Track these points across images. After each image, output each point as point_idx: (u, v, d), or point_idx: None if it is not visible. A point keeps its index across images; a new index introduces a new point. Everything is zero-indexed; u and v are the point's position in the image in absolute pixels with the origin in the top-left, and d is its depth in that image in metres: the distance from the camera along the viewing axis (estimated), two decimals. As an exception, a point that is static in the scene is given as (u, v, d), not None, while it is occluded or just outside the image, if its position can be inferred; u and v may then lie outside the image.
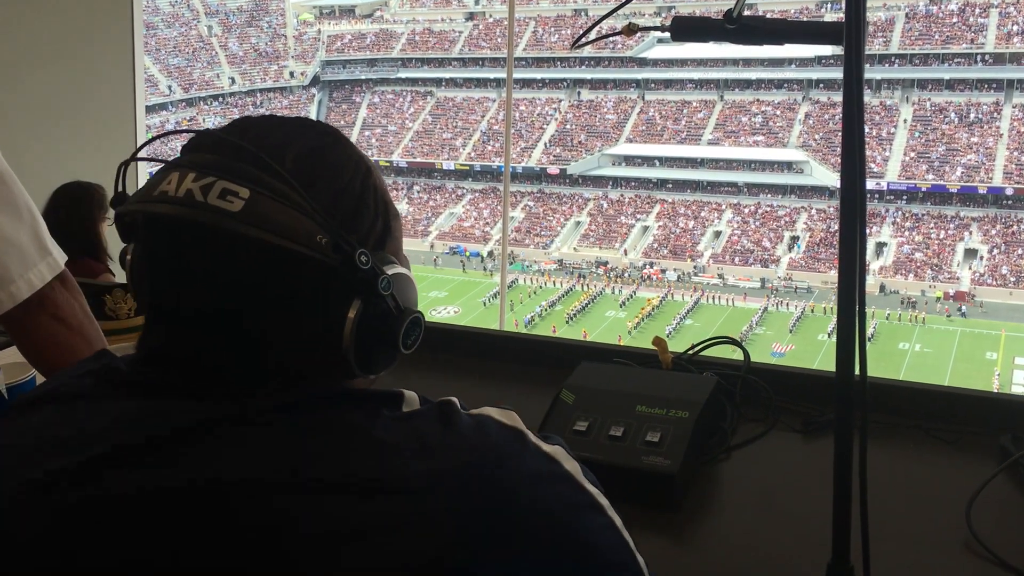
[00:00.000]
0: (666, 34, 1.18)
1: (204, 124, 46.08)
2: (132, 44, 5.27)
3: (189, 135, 0.85)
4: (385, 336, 0.84)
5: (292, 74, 51.29)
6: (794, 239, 36.23)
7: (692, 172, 40.28)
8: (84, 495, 0.73)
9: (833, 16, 38.97)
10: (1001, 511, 1.35)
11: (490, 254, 37.70)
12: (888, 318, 29.78)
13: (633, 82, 44.71)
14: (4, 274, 1.45)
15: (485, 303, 31.97)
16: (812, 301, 31.48)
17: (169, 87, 47.74)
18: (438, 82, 49.05)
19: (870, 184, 35.58)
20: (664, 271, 35.44)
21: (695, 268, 35.52)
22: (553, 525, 0.77)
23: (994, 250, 33.65)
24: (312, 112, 49.24)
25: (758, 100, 42.05)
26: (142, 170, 5.38)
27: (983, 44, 38.96)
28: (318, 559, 0.68)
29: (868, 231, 33.51)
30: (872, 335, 27.91)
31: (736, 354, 1.80)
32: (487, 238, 39.50)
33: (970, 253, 33.83)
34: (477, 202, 42.51)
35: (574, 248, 38.26)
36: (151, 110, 43.75)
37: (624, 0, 1.23)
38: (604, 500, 0.84)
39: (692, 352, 1.81)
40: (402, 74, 49.69)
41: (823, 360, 24.63)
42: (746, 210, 38.32)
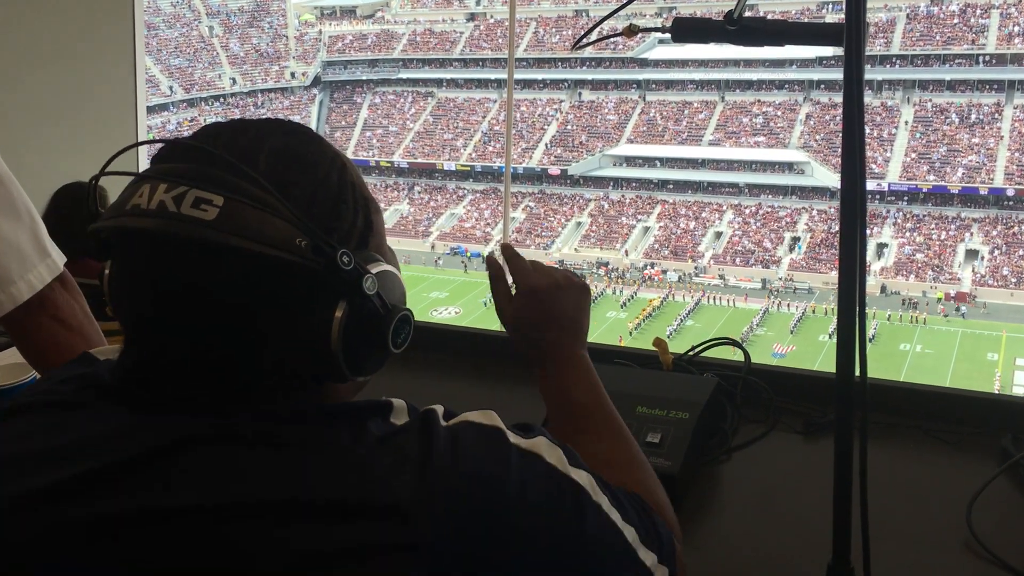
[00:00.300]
0: (667, 35, 1.18)
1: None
2: (133, 44, 5.26)
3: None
4: (374, 337, 0.82)
5: (293, 75, 51.30)
6: (795, 240, 36.22)
7: (693, 173, 40.26)
8: (77, 512, 0.72)
9: (834, 17, 38.98)
10: (1002, 512, 1.35)
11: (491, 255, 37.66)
12: (889, 319, 29.77)
13: (634, 83, 44.70)
14: (4, 275, 1.45)
15: (486, 304, 31.97)
16: (813, 302, 31.46)
17: (170, 88, 47.76)
18: (439, 83, 49.05)
19: (871, 185, 35.59)
20: (665, 272, 35.43)
21: (696, 269, 35.51)
22: (540, 529, 0.78)
23: (995, 251, 33.63)
24: (313, 113, 49.26)
25: (759, 101, 42.03)
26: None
27: (984, 45, 38.94)
28: None
29: (869, 232, 33.30)
30: (873, 336, 27.89)
31: (737, 355, 1.80)
32: (488, 239, 39.49)
33: (971, 254, 33.82)
34: (478, 203, 42.50)
35: (575, 249, 38.25)
36: (152, 111, 43.80)
37: (625, 2, 1.23)
38: (589, 480, 0.84)
39: (693, 353, 1.81)
40: (403, 75, 49.68)
41: (824, 361, 24.61)
42: (747, 211, 38.31)
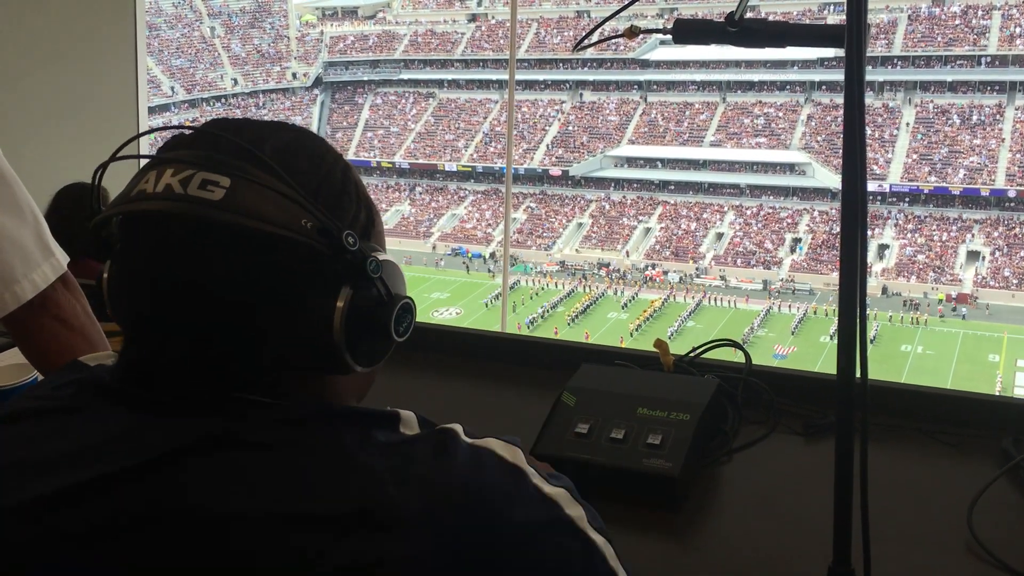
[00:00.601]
0: (668, 36, 1.18)
1: (207, 125, 46.06)
2: (135, 45, 5.27)
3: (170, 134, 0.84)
4: (376, 324, 0.82)
5: (295, 75, 51.31)
6: (796, 241, 36.21)
7: (694, 174, 40.26)
8: (81, 520, 0.71)
9: (836, 18, 38.96)
10: (1002, 514, 1.35)
11: (492, 255, 37.69)
12: (891, 320, 29.76)
13: (635, 84, 44.70)
14: (8, 275, 1.45)
15: (487, 304, 31.97)
16: (814, 303, 31.46)
17: (172, 88, 47.79)
18: (440, 83, 49.05)
19: (873, 186, 35.57)
20: (666, 273, 35.41)
21: (697, 270, 35.50)
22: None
23: (996, 252, 33.62)
24: (314, 113, 49.28)
25: (760, 102, 42.02)
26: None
27: (986, 46, 38.92)
28: None
29: (871, 233, 33.26)
30: (874, 337, 27.89)
31: (738, 356, 1.80)
32: (489, 239, 39.49)
33: (973, 255, 33.80)
34: (479, 203, 42.50)
35: (576, 250, 38.25)
36: (154, 111, 43.78)
37: (626, 3, 1.23)
38: (607, 547, 0.80)
39: (693, 354, 1.81)
40: (404, 75, 49.69)
41: (825, 362, 24.60)
42: (748, 212, 38.30)
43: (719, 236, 37.43)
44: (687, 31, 1.17)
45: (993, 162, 36.36)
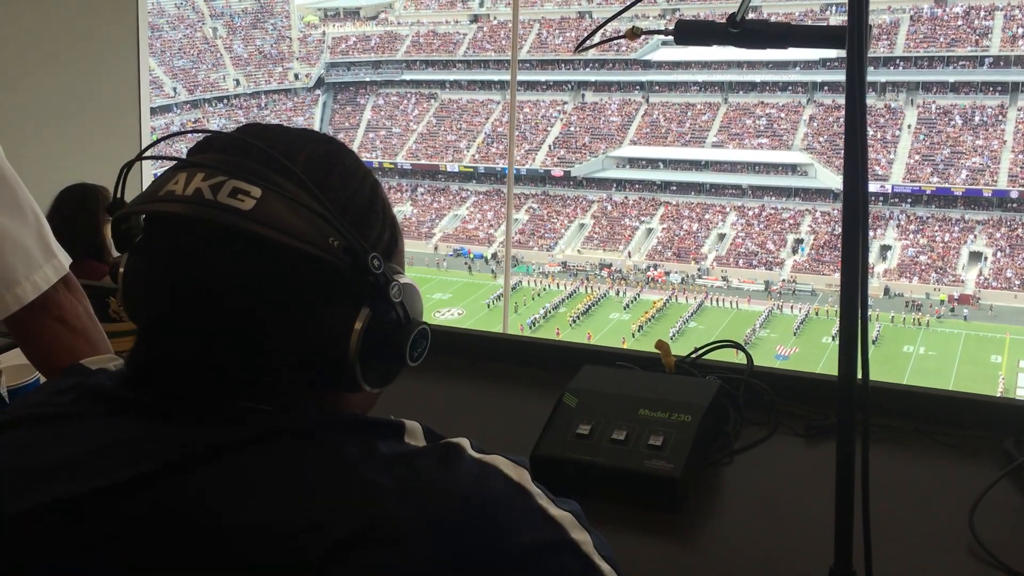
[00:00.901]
0: (670, 37, 1.18)
1: (209, 126, 46.18)
2: (137, 46, 5.28)
3: (196, 137, 0.84)
4: (391, 347, 0.81)
5: (297, 76, 51.36)
6: (798, 242, 36.19)
7: (696, 174, 40.27)
8: (83, 528, 0.71)
9: (838, 19, 38.93)
10: (1004, 516, 1.35)
11: (494, 256, 37.70)
12: (893, 321, 29.74)
13: (637, 84, 44.71)
14: (10, 276, 1.45)
15: (489, 305, 31.98)
16: (816, 304, 31.44)
17: (174, 89, 47.84)
18: (442, 84, 49.10)
19: (875, 187, 35.55)
20: (668, 273, 35.42)
21: (699, 271, 35.50)
22: None
23: (998, 253, 33.59)
24: (316, 114, 49.31)
25: (762, 102, 42.02)
26: (144, 178, 5.39)
27: (988, 47, 38.91)
28: None
29: (873, 234, 33.27)
30: (876, 338, 27.88)
31: (739, 358, 1.79)
32: (491, 240, 39.51)
33: (975, 256, 33.77)
34: (481, 204, 42.52)
35: (578, 250, 38.25)
36: (156, 112, 43.82)
37: (628, 4, 1.23)
38: (612, 572, 0.78)
39: (695, 356, 1.81)
40: (406, 76, 49.73)
41: (827, 363, 24.58)
42: (750, 212, 38.29)
43: (721, 237, 37.42)
44: (689, 32, 1.17)
45: (995, 163, 36.34)
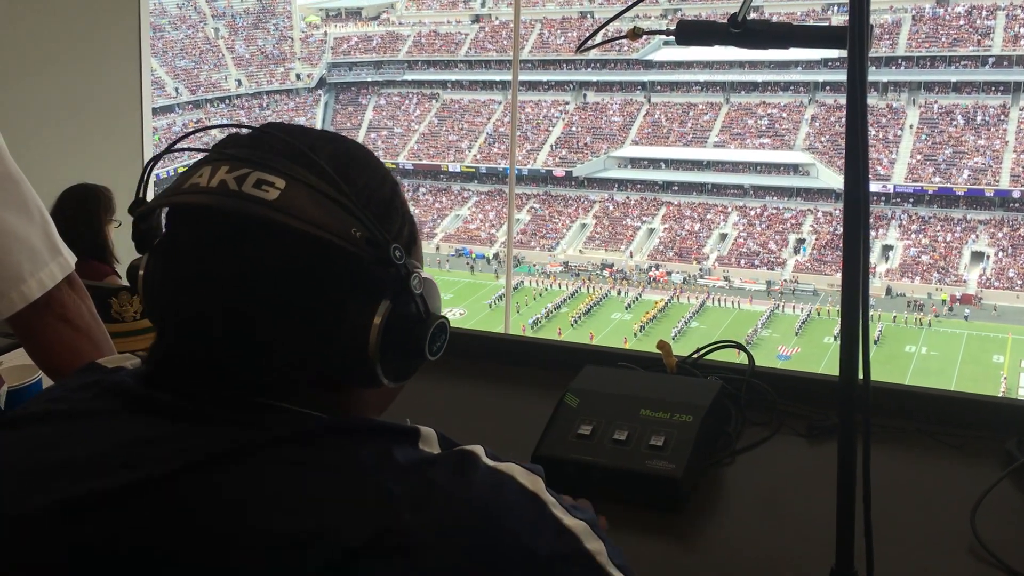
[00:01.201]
0: (672, 37, 1.18)
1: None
2: (139, 46, 5.28)
3: (221, 134, 0.84)
4: (412, 339, 0.82)
5: (298, 76, 51.37)
6: (800, 242, 36.17)
7: (698, 174, 40.25)
8: (98, 529, 0.71)
9: (840, 18, 38.89)
10: (1006, 516, 1.35)
11: (495, 256, 37.70)
12: (895, 320, 29.72)
13: (639, 84, 44.69)
14: (16, 274, 1.45)
15: (491, 305, 31.98)
16: (818, 304, 31.42)
17: (176, 89, 47.85)
18: (444, 84, 49.09)
19: (877, 187, 35.52)
20: (670, 273, 35.40)
21: (701, 270, 35.48)
22: None
23: (1000, 253, 33.56)
24: (318, 114, 49.32)
25: (764, 102, 42.00)
26: (149, 181, 5.39)
27: (990, 47, 38.86)
28: None
29: (875, 234, 33.25)
30: (878, 338, 27.85)
31: (741, 358, 1.79)
32: (493, 240, 39.50)
33: (977, 256, 33.74)
34: (483, 204, 42.52)
35: (579, 250, 38.24)
36: (158, 112, 43.83)
37: (630, 4, 1.23)
38: None
39: (697, 356, 1.81)
40: (408, 76, 49.73)
41: (828, 363, 24.56)
42: (752, 212, 38.27)
43: (723, 237, 37.40)
44: (690, 32, 1.17)
45: (997, 163, 36.30)
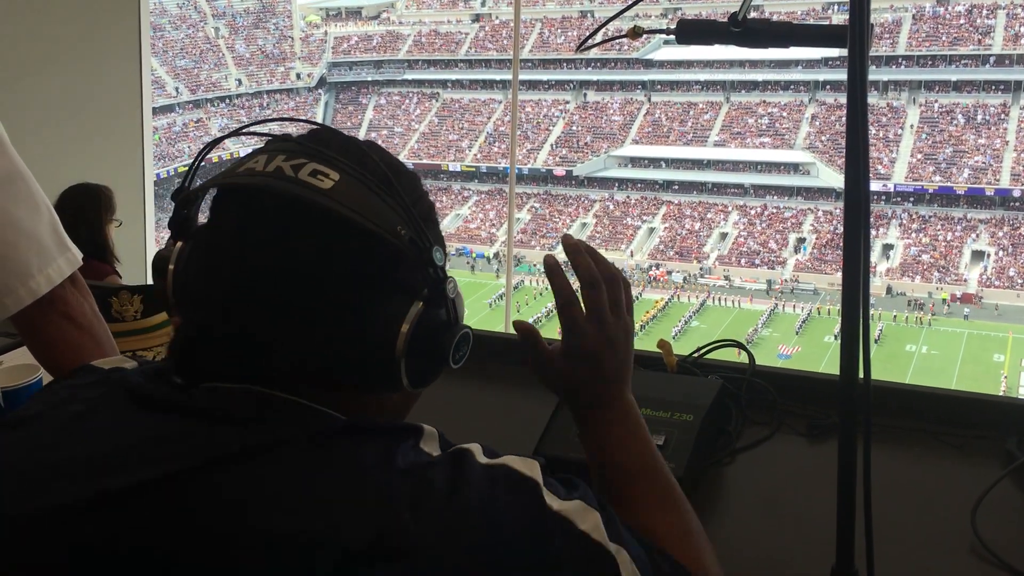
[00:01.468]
0: (672, 36, 1.18)
1: (211, 126, 46.21)
2: (139, 45, 5.28)
3: (270, 132, 0.86)
4: (438, 344, 0.83)
5: (299, 76, 51.37)
6: (800, 241, 36.17)
7: (698, 174, 40.24)
8: (102, 528, 0.71)
9: (840, 17, 38.88)
10: (1007, 515, 1.35)
11: (496, 255, 37.69)
12: (895, 320, 29.72)
13: (639, 84, 44.69)
14: (24, 269, 1.45)
15: (491, 304, 31.98)
16: (818, 303, 31.42)
17: (176, 88, 47.85)
18: (444, 84, 49.08)
19: (877, 186, 35.51)
20: (670, 273, 35.40)
21: (701, 270, 35.48)
22: None
23: (1001, 252, 33.55)
24: (319, 114, 49.31)
25: (764, 102, 41.99)
26: (147, 180, 5.39)
27: (990, 46, 38.84)
28: None
29: (875, 233, 33.27)
30: (879, 337, 27.85)
31: (742, 357, 1.79)
32: (493, 239, 39.51)
33: (977, 255, 33.74)
34: (483, 203, 42.52)
35: (580, 250, 38.20)
36: (158, 111, 43.86)
37: (630, 3, 1.23)
38: (623, 555, 0.79)
39: (697, 355, 1.81)
40: (408, 76, 49.73)
41: (829, 362, 24.57)
42: (752, 212, 38.27)
43: (723, 236, 37.40)
44: (691, 31, 1.17)
45: (998, 162, 36.29)
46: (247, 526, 0.69)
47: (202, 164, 0.90)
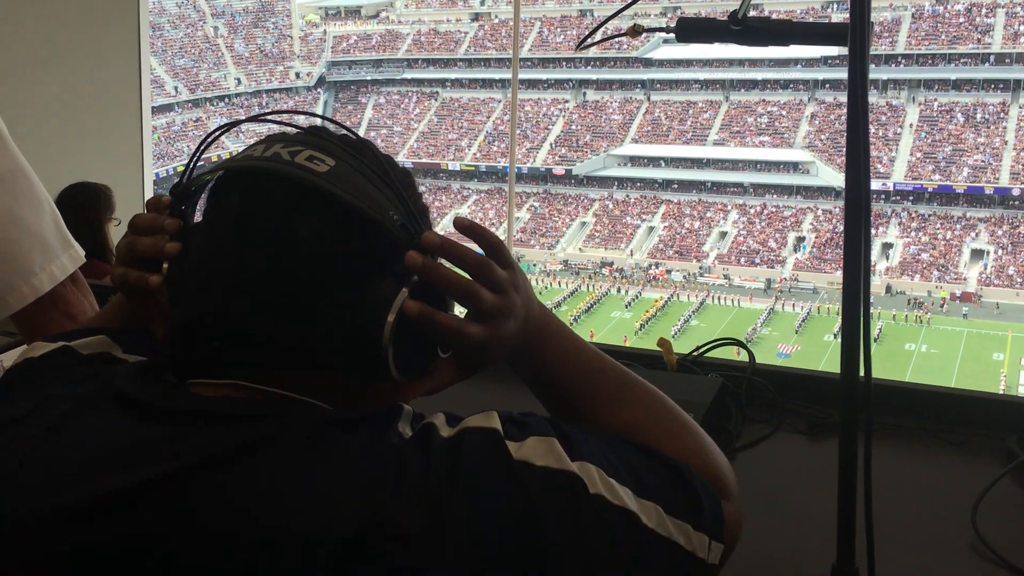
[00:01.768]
0: (671, 35, 1.18)
1: (211, 125, 46.17)
2: (138, 45, 5.28)
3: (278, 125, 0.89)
4: (425, 333, 0.83)
5: (298, 75, 51.35)
6: (800, 240, 36.18)
7: (698, 173, 40.24)
8: (102, 528, 0.71)
9: (839, 16, 38.89)
10: (1007, 513, 1.35)
11: (495, 255, 37.63)
12: (895, 318, 29.73)
13: (639, 82, 44.68)
14: (27, 267, 1.45)
15: (490, 304, 31.97)
16: (818, 302, 31.42)
17: (175, 88, 47.83)
18: (443, 83, 49.07)
19: (876, 184, 35.50)
20: (670, 272, 35.40)
21: (701, 269, 35.48)
22: (544, 538, 0.75)
23: (1000, 251, 33.56)
24: (318, 113, 49.25)
25: (764, 100, 41.99)
26: (146, 179, 5.39)
27: (990, 44, 38.85)
28: None
29: (875, 232, 33.51)
30: (878, 336, 27.85)
31: (741, 355, 1.79)
32: (493, 239, 39.47)
33: (977, 254, 33.74)
34: (483, 203, 42.51)
35: (579, 249, 38.23)
36: (157, 111, 43.83)
37: (629, 2, 1.23)
38: (589, 471, 0.78)
39: (697, 353, 1.81)
40: (407, 75, 49.72)
41: (828, 361, 24.58)
42: (752, 211, 38.27)
43: (723, 235, 37.40)
44: (690, 30, 1.16)
45: (997, 160, 36.29)
46: (249, 524, 0.69)
47: (200, 164, 0.90)
